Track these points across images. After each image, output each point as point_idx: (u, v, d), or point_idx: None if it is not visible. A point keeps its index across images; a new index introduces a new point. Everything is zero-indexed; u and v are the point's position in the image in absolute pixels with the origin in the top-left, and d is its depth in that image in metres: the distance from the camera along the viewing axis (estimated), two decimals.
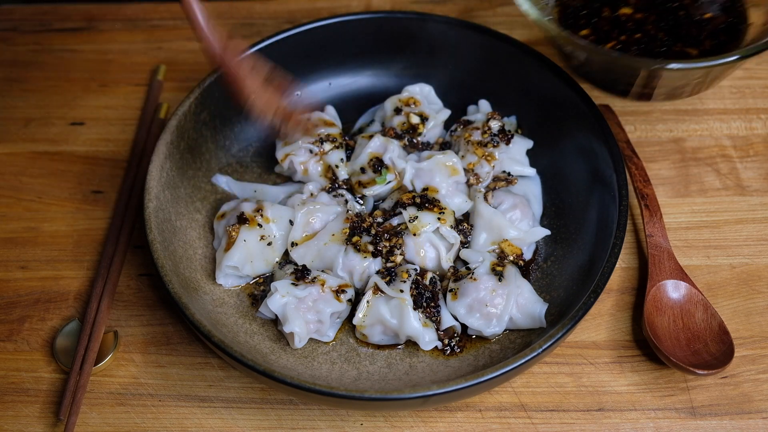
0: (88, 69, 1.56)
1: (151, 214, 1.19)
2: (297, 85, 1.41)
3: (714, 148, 1.41)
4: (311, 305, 1.17)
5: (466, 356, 1.17)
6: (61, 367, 1.20)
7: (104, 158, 1.44)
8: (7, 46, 1.60)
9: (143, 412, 1.17)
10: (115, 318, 1.25)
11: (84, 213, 1.37)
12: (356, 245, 1.22)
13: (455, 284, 1.20)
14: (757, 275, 1.27)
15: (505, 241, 1.24)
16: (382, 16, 1.40)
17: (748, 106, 1.47)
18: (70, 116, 1.49)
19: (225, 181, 1.34)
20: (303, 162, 1.31)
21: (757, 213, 1.34)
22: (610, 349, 1.21)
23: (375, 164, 1.30)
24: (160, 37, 1.61)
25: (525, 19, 1.61)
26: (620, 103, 1.48)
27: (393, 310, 1.16)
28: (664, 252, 1.24)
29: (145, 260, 1.31)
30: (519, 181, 1.31)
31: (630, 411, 1.15)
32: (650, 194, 1.30)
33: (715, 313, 1.18)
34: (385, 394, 1.03)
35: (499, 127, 1.31)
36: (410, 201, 1.25)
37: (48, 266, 1.31)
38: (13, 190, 1.40)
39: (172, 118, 1.28)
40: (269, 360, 1.14)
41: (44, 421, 1.16)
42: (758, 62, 1.52)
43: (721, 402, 1.16)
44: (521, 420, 1.15)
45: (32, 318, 1.26)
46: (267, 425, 1.15)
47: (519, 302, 1.18)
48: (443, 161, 1.28)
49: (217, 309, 1.20)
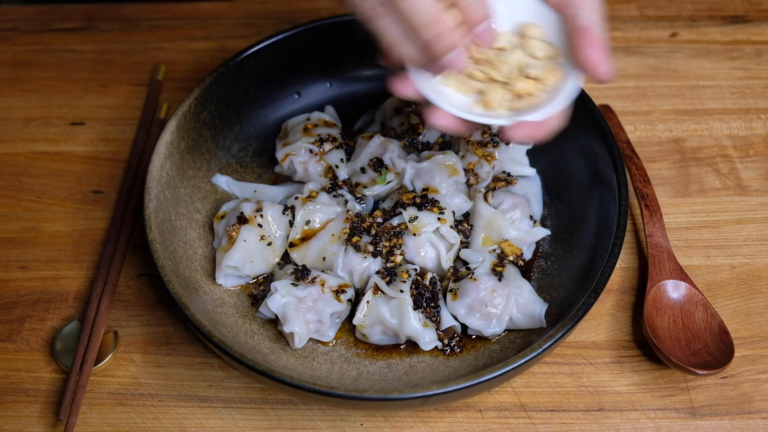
0: (88, 69, 1.56)
1: (151, 214, 1.19)
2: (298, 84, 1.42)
3: (714, 148, 1.41)
4: (311, 305, 1.17)
5: (466, 356, 1.17)
6: (61, 367, 1.20)
7: (104, 158, 1.44)
8: (7, 46, 1.60)
9: (143, 412, 1.17)
10: (115, 318, 1.25)
11: (84, 213, 1.37)
12: (356, 245, 1.22)
13: (455, 284, 1.20)
14: (757, 275, 1.27)
15: (505, 241, 1.24)
16: None
17: (748, 106, 1.47)
18: (70, 116, 1.49)
19: (225, 181, 1.34)
20: (303, 162, 1.31)
21: (757, 213, 1.34)
22: (610, 349, 1.21)
23: (375, 164, 1.30)
24: (160, 37, 1.61)
25: None
26: (620, 103, 1.48)
27: (393, 310, 1.16)
28: (664, 252, 1.24)
29: (145, 260, 1.31)
30: (519, 181, 1.31)
31: (630, 411, 1.15)
32: (650, 194, 1.30)
33: (715, 313, 1.18)
34: (385, 394, 1.03)
35: (499, 127, 1.31)
36: (410, 201, 1.25)
37: (48, 266, 1.31)
38: (13, 190, 1.40)
39: (172, 118, 1.28)
40: (269, 360, 1.14)
41: (44, 421, 1.16)
42: (758, 62, 1.53)
43: (721, 402, 1.16)
44: (521, 420, 1.15)
45: (32, 318, 1.26)
46: (267, 425, 1.15)
47: (519, 302, 1.18)
48: (443, 161, 1.28)
49: (217, 309, 1.20)
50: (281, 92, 1.42)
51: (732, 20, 1.60)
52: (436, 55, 0.94)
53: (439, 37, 0.92)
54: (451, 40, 0.93)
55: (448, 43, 0.93)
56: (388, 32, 0.94)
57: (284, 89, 1.42)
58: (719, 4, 1.62)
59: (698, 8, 1.62)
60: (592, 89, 1.47)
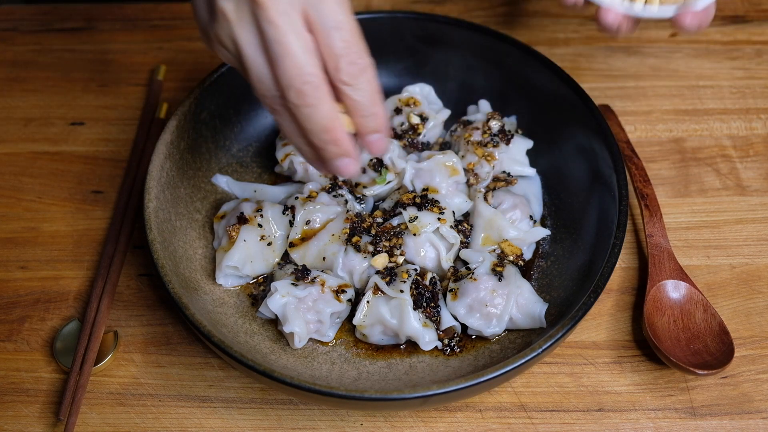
0: (88, 69, 1.56)
1: (151, 214, 1.19)
2: None
3: (714, 148, 1.41)
4: (311, 305, 1.17)
5: (466, 356, 1.17)
6: (61, 367, 1.20)
7: (104, 158, 1.43)
8: (7, 46, 1.60)
9: (143, 412, 1.17)
10: (115, 318, 1.25)
11: (84, 213, 1.37)
12: (356, 245, 1.22)
13: (455, 284, 1.20)
14: (757, 275, 1.27)
15: (505, 241, 1.24)
16: (382, 16, 1.39)
17: (748, 106, 1.47)
18: (70, 116, 1.49)
19: (225, 181, 1.34)
20: (303, 162, 1.31)
21: (757, 213, 1.34)
22: (610, 349, 1.21)
23: (375, 164, 1.30)
24: (160, 37, 1.61)
25: (525, 20, 1.62)
26: (620, 103, 1.48)
27: (393, 310, 1.16)
28: (664, 252, 1.24)
29: (145, 260, 1.31)
30: (519, 181, 1.31)
31: (630, 411, 1.15)
32: (650, 194, 1.30)
33: (715, 313, 1.18)
34: (385, 394, 1.03)
35: (499, 127, 1.31)
36: (410, 201, 1.25)
37: (48, 266, 1.31)
38: (13, 190, 1.40)
39: (172, 118, 1.28)
40: (269, 360, 1.14)
41: (44, 421, 1.16)
42: (758, 62, 1.53)
43: (721, 402, 1.16)
44: (521, 420, 1.15)
45: (32, 318, 1.26)
46: (267, 425, 1.15)
47: (519, 302, 1.18)
48: (443, 161, 1.28)
49: (217, 309, 1.20)
50: None
51: (732, 20, 1.60)
52: (326, 160, 0.97)
53: (331, 145, 0.95)
54: (342, 149, 0.95)
55: (339, 151, 0.96)
56: (285, 127, 0.97)
57: None
58: (719, 4, 1.62)
59: None
60: (592, 89, 1.47)
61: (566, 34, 1.59)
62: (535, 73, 1.34)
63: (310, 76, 0.91)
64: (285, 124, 0.97)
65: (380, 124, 0.98)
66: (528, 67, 1.34)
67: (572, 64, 1.53)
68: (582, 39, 1.58)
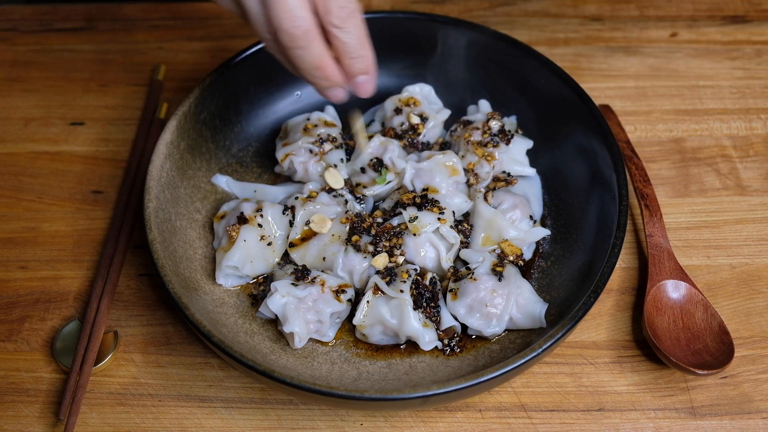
0: (88, 69, 1.56)
1: (151, 214, 1.19)
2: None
3: (714, 148, 1.42)
4: (311, 305, 1.17)
5: (466, 356, 1.17)
6: (61, 367, 1.20)
7: (104, 158, 1.44)
8: (7, 46, 1.60)
9: (143, 412, 1.17)
10: (115, 318, 1.25)
11: (84, 213, 1.37)
12: (356, 245, 1.22)
13: (455, 284, 1.20)
14: (757, 275, 1.27)
15: (505, 241, 1.24)
16: (382, 16, 1.39)
17: (748, 106, 1.47)
18: (70, 116, 1.49)
19: (225, 181, 1.34)
20: (303, 162, 1.31)
21: (757, 213, 1.34)
22: (610, 349, 1.21)
23: (375, 164, 1.30)
24: (160, 37, 1.61)
25: (525, 20, 1.62)
26: (620, 103, 1.48)
27: (393, 310, 1.16)
28: (664, 252, 1.24)
29: (145, 260, 1.31)
30: (519, 181, 1.31)
31: (630, 411, 1.15)
32: (650, 194, 1.30)
33: (715, 313, 1.18)
34: (385, 394, 1.03)
35: (499, 127, 1.31)
36: (410, 201, 1.25)
37: (48, 266, 1.31)
38: (13, 190, 1.40)
39: (172, 118, 1.28)
40: (269, 360, 1.14)
41: (44, 421, 1.16)
42: (758, 62, 1.53)
43: (721, 402, 1.16)
44: (521, 420, 1.15)
45: (32, 318, 1.26)
46: (267, 425, 1.15)
47: (519, 302, 1.18)
48: (443, 161, 1.28)
49: (217, 309, 1.20)
50: (281, 92, 1.42)
51: (732, 20, 1.60)
52: (319, 89, 1.08)
53: (322, 80, 1.05)
54: (331, 82, 1.05)
55: (329, 84, 1.06)
56: (284, 64, 1.07)
57: (284, 89, 1.42)
58: (719, 4, 1.62)
59: (698, 8, 1.62)
60: (592, 89, 1.47)
61: (566, 34, 1.59)
62: (535, 73, 1.34)
63: (300, 20, 0.97)
64: (283, 62, 1.05)
65: (368, 65, 1.06)
66: (528, 67, 1.34)
67: (572, 64, 1.53)
68: (582, 39, 1.58)
